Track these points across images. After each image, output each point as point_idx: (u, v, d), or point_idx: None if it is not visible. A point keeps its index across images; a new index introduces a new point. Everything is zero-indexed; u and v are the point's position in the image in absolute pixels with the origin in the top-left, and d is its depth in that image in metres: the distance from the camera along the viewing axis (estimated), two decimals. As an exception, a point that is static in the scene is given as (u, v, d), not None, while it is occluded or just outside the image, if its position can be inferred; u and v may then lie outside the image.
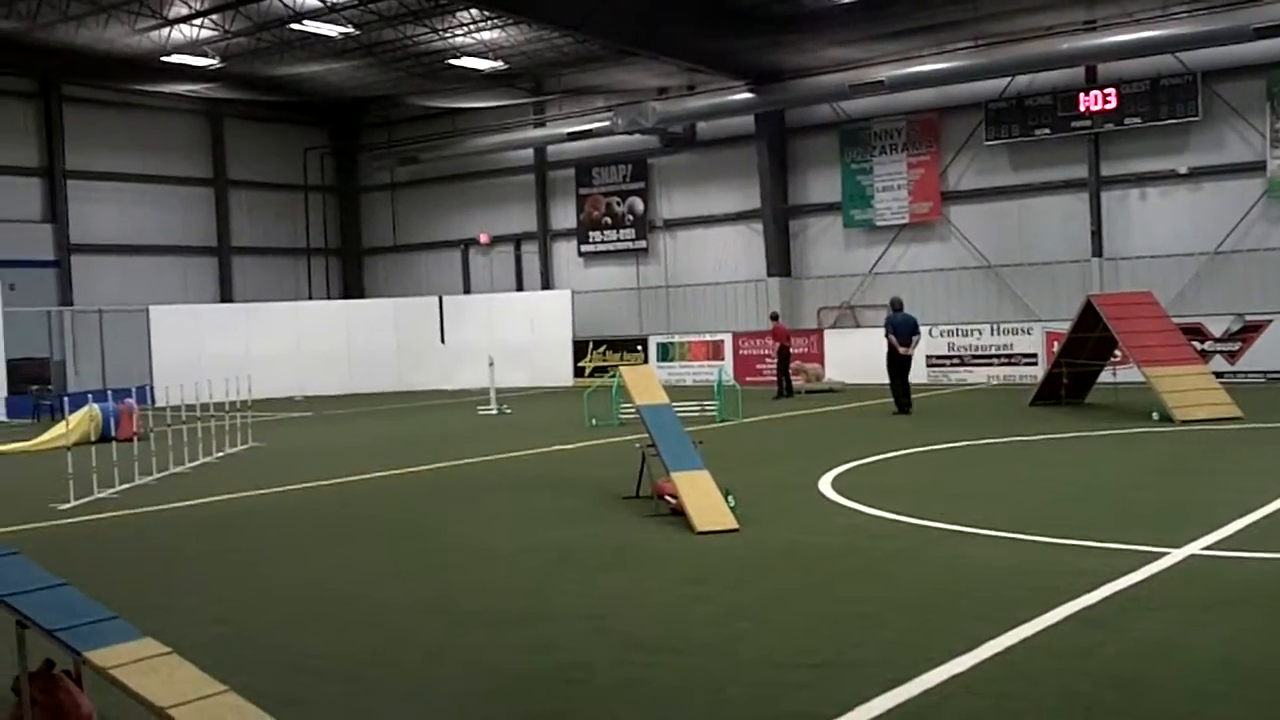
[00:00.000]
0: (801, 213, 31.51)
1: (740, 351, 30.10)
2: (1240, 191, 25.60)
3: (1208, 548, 8.49)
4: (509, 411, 23.53)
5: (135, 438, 17.04)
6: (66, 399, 15.70)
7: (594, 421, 19.84)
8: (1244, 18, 22.82)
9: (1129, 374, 19.93)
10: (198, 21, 26.58)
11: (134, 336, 30.95)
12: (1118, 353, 19.75)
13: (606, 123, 31.66)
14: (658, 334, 32.37)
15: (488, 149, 35.66)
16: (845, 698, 5.49)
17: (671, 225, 33.79)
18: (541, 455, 16.29)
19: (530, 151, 35.95)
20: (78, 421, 18.62)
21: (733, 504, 10.22)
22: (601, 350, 32.32)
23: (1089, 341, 19.66)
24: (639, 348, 31.62)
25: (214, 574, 9.11)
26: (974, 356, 27.17)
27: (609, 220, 34.71)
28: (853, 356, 27.45)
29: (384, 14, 26.08)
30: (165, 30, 26.95)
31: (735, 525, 9.80)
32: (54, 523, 11.74)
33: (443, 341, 32.95)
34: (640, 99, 31.07)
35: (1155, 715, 5.18)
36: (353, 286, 40.11)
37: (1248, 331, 24.13)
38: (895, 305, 21.12)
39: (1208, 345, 23.89)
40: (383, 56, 29.61)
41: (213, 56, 28.56)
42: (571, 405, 22.62)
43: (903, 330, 20.36)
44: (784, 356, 25.56)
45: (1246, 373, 23.78)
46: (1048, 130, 27.30)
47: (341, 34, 26.92)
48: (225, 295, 36.56)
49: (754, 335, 30.01)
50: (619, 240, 34.60)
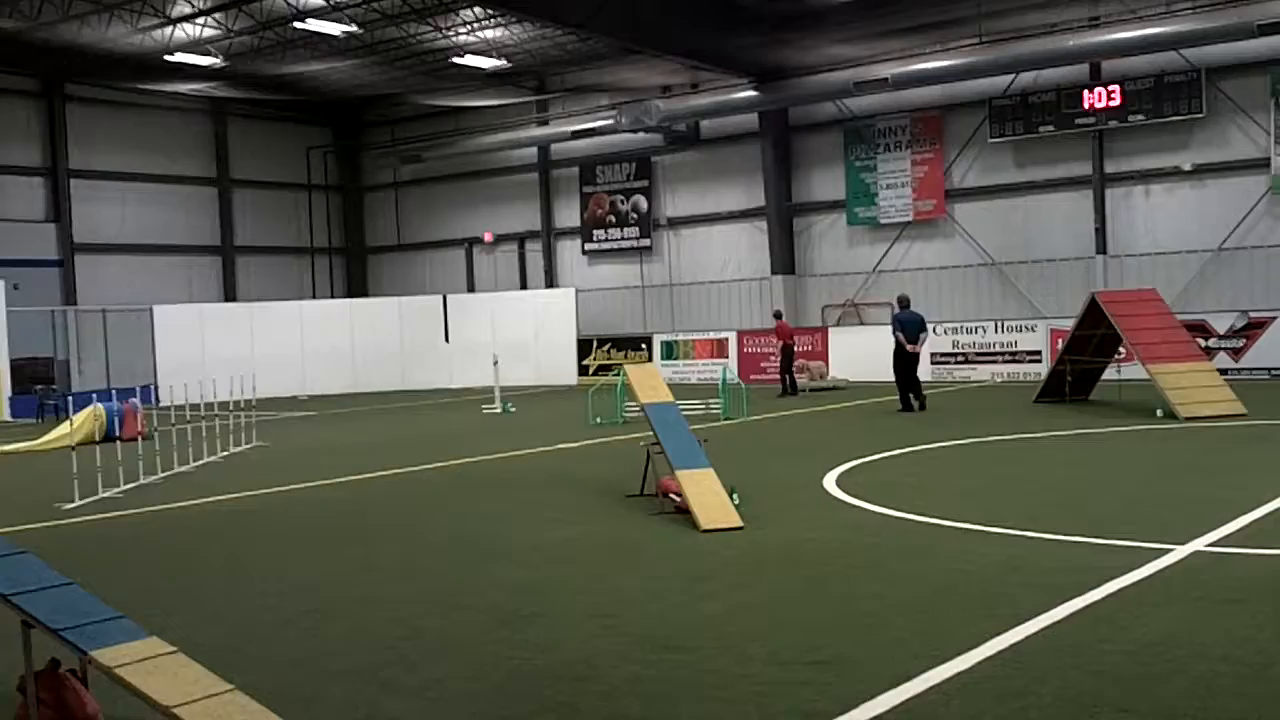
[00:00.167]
0: (805, 210, 31.50)
1: (745, 350, 30.10)
2: (1244, 188, 25.58)
3: (1212, 545, 8.49)
4: (513, 410, 23.53)
5: (139, 437, 17.04)
6: (71, 399, 15.67)
7: (598, 420, 19.86)
8: (1248, 14, 22.75)
9: (1133, 371, 19.90)
10: (201, 20, 26.59)
11: (138, 336, 30.97)
12: (1122, 350, 19.77)
13: (610, 121, 31.63)
14: (662, 332, 32.36)
15: (491, 147, 35.64)
16: (850, 695, 5.50)
17: (675, 223, 33.79)
18: (546, 454, 16.29)
19: (534, 150, 35.94)
20: (82, 421, 18.60)
21: (737, 502, 10.22)
22: (606, 349, 32.32)
23: (1093, 339, 19.67)
24: (643, 346, 31.59)
25: (219, 572, 9.12)
26: (978, 354, 27.17)
27: (613, 219, 34.70)
28: (857, 354, 27.49)
29: (387, 12, 26.08)
30: (168, 29, 26.97)
31: (740, 523, 9.80)
32: (59, 522, 11.76)
33: (447, 340, 32.95)
34: (644, 97, 31.05)
35: (1160, 712, 5.17)
36: (356, 286, 40.14)
37: (1252, 328, 24.12)
38: (902, 303, 21.12)
39: (1212, 342, 23.89)
40: (386, 55, 29.62)
41: (216, 55, 28.56)
42: (575, 404, 22.64)
43: (910, 328, 20.36)
44: (787, 355, 25.57)
45: (1251, 370, 23.81)
46: (1052, 127, 27.27)
47: (345, 32, 26.92)
48: (229, 294, 36.61)
49: (758, 333, 30.01)
50: (623, 239, 34.60)
